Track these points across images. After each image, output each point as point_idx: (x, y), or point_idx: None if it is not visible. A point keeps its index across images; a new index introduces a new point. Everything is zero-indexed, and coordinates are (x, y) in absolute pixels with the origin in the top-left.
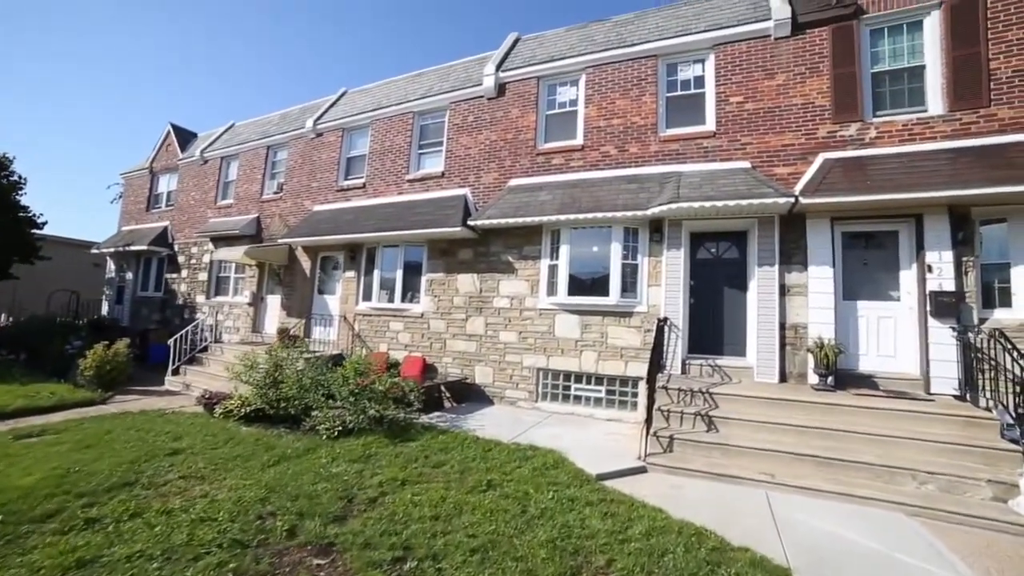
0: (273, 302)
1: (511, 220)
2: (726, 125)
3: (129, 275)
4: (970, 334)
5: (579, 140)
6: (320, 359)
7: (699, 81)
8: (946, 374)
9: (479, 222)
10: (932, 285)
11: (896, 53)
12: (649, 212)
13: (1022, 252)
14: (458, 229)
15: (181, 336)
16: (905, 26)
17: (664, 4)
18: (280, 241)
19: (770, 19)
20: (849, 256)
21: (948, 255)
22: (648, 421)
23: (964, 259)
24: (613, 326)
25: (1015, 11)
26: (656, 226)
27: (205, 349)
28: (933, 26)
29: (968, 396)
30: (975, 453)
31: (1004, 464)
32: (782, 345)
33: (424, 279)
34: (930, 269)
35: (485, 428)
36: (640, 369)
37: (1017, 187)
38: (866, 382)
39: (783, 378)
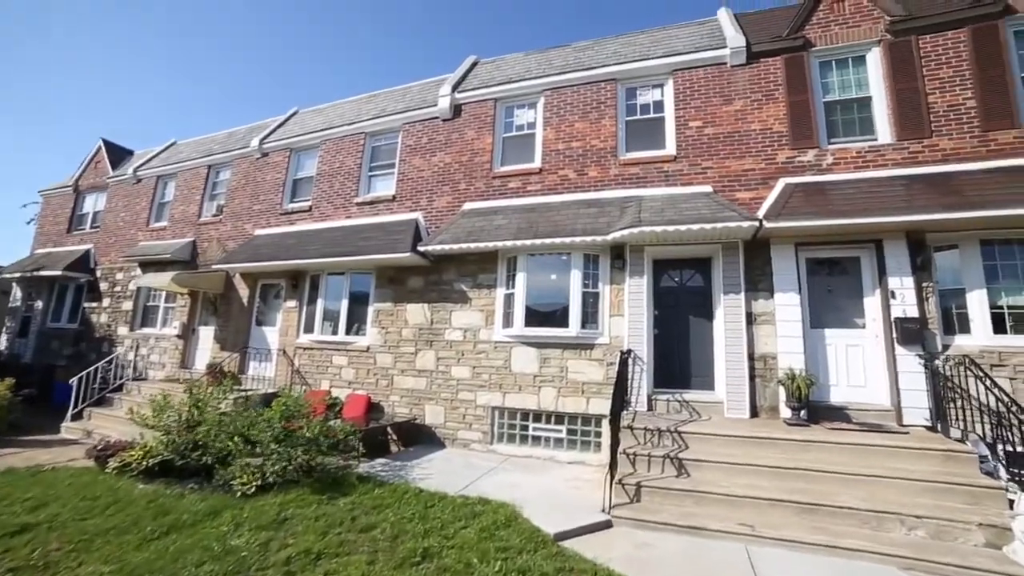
0: (206, 334)
1: (464, 246)
2: (686, 149)
3: (39, 304)
4: (937, 361)
5: (537, 163)
6: (252, 398)
7: (658, 106)
8: (917, 404)
9: (430, 247)
10: (896, 311)
11: (845, 84)
12: (610, 237)
13: (974, 278)
14: (407, 255)
15: (88, 374)
16: (851, 60)
17: (622, 33)
18: (215, 267)
19: (726, 47)
20: (814, 283)
21: (909, 281)
22: (612, 467)
23: (924, 285)
24: (574, 359)
25: (943, 52)
26: (617, 252)
27: (120, 388)
28: (875, 61)
29: (939, 427)
30: (959, 492)
31: (989, 503)
32: (751, 377)
33: (371, 309)
34: (893, 295)
35: (432, 477)
36: (603, 406)
37: (967, 213)
38: (838, 414)
39: (754, 412)
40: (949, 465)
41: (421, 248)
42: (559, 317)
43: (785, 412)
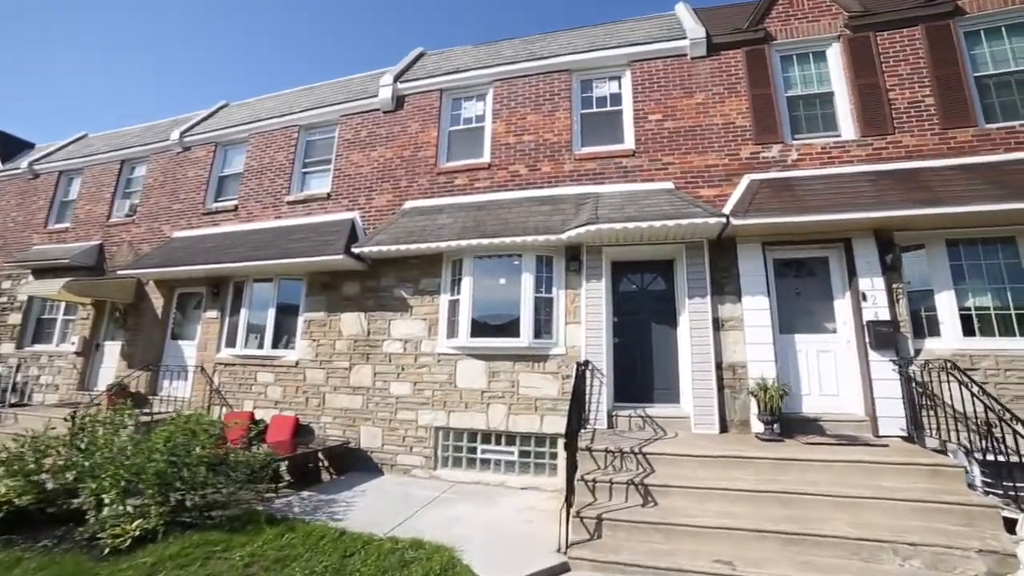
0: (112, 351)
1: (404, 247)
2: (646, 144)
3: None
4: (913, 367)
5: (486, 158)
6: (161, 423)
7: (616, 98)
8: (892, 413)
9: (365, 249)
10: (868, 314)
11: (806, 79)
12: (565, 236)
13: (942, 278)
14: (340, 257)
15: None
16: (811, 55)
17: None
18: (121, 273)
19: (685, 38)
20: (781, 285)
21: (880, 281)
22: (569, 498)
23: (894, 286)
24: (526, 373)
25: (900, 49)
26: (573, 253)
27: None
28: (836, 56)
29: (915, 436)
30: (951, 512)
31: (984, 523)
32: (720, 388)
33: (301, 320)
34: (864, 297)
35: (360, 513)
36: (559, 424)
37: (940, 209)
38: (812, 427)
39: (723, 427)
40: (936, 481)
41: (356, 250)
42: (509, 326)
43: (757, 426)
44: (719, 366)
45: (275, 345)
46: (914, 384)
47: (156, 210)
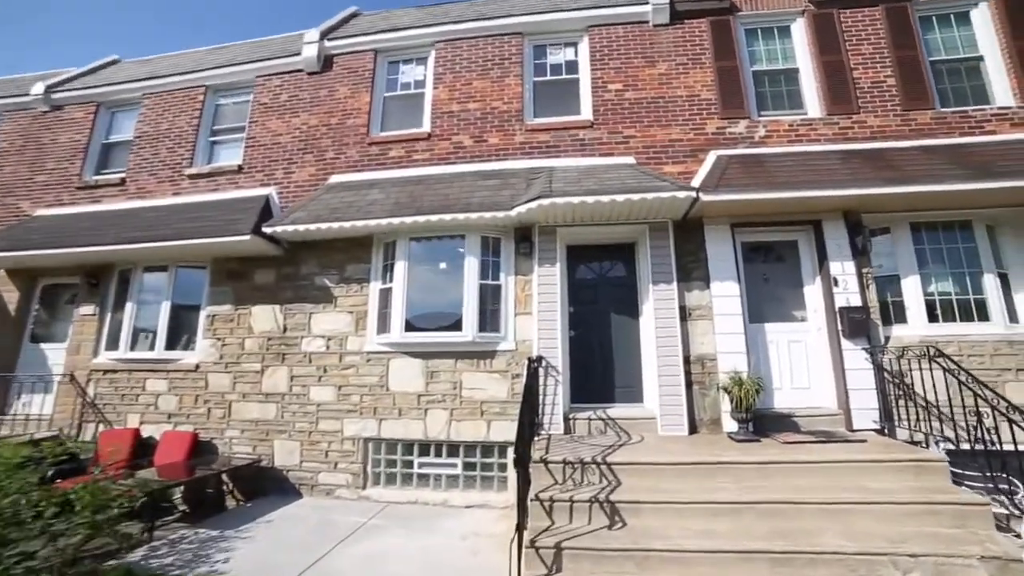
0: None
1: (325, 226)
2: (605, 115)
3: None
4: (883, 355)
5: (425, 127)
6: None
7: (572, 66)
8: (866, 404)
9: (279, 228)
10: (840, 301)
11: (771, 55)
12: (514, 212)
13: (908, 263)
14: (247, 238)
15: None
16: (776, 29)
17: None
18: None
19: (647, 3)
20: (749, 271)
21: (851, 266)
22: (521, 525)
23: (864, 271)
24: (470, 372)
25: (863, 27)
26: (524, 234)
27: None
28: (800, 32)
29: (887, 429)
30: (943, 513)
31: (977, 524)
32: (688, 385)
33: (204, 315)
34: (836, 282)
35: (258, 554)
36: (508, 430)
37: (911, 187)
38: (786, 423)
39: (693, 427)
40: (923, 479)
41: (268, 229)
42: (450, 319)
43: (730, 425)
44: (687, 359)
45: (171, 346)
46: (885, 373)
47: (12, 182)
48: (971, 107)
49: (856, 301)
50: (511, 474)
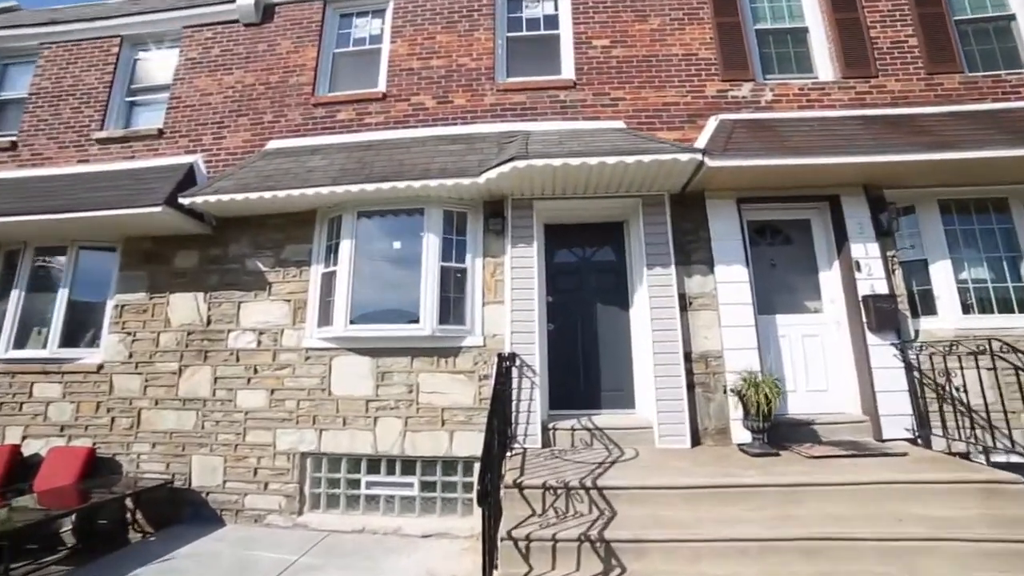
0: None
1: (255, 196)
2: (590, 74)
3: None
4: (914, 352)
5: (381, 87)
6: None
7: (551, 21)
8: (897, 409)
9: (199, 199)
10: (864, 288)
11: (776, 12)
12: (482, 179)
13: (937, 247)
14: (159, 210)
15: None
16: None
17: None
18: None
19: None
20: (755, 256)
21: (874, 248)
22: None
23: (889, 254)
24: (429, 373)
25: None
26: (494, 209)
27: None
28: None
29: (922, 438)
30: None
31: None
32: (690, 387)
33: (111, 305)
34: (858, 267)
35: None
36: (475, 442)
37: (951, 154)
38: (804, 432)
39: (696, 438)
40: (994, 505)
41: (185, 200)
42: (405, 309)
43: (740, 435)
44: (688, 357)
45: (69, 343)
46: (915, 373)
47: None
48: (1005, 71)
49: (882, 288)
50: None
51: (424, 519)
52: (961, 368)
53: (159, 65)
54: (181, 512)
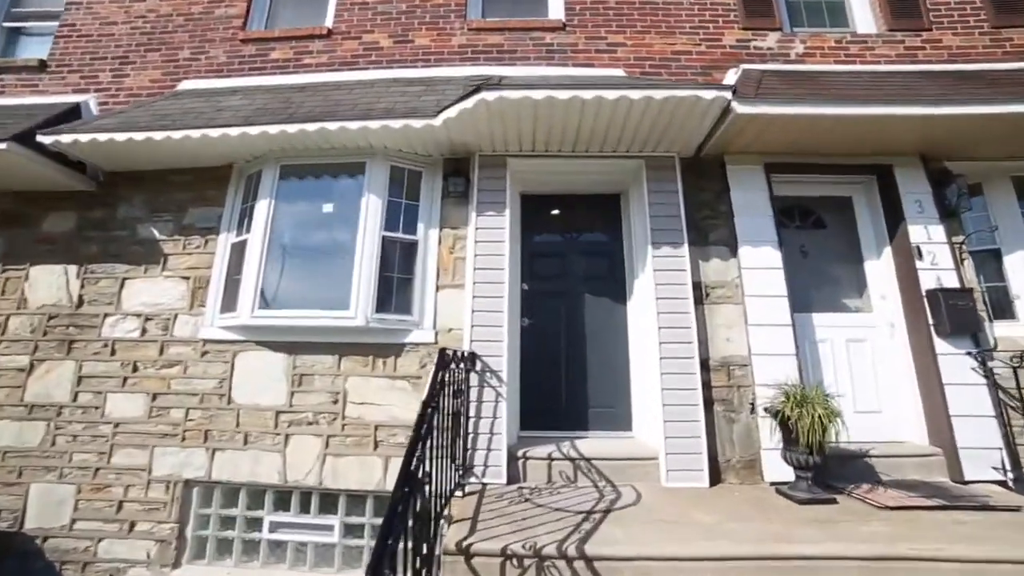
0: None
1: (144, 137)
2: (583, 15)
3: None
4: (996, 366)
5: (327, 21)
6: None
7: None
8: (982, 441)
9: (67, 137)
10: (928, 281)
11: None
12: (440, 119)
13: (1015, 233)
14: (3, 147)
15: None
16: None
17: None
18: None
19: None
20: (782, 240)
21: (939, 231)
22: None
23: (955, 241)
24: (362, 377)
25: None
26: (456, 167)
27: None
28: None
29: (1013, 478)
30: None
31: None
32: (708, 404)
33: None
34: (919, 254)
35: None
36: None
37: None
38: (858, 467)
39: (716, 474)
40: None
41: (47, 139)
42: (335, 293)
43: (774, 469)
44: (704, 364)
45: None
46: (1000, 391)
47: None
48: None
49: (951, 281)
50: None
51: (348, 575)
52: None
53: None
54: (4, 566)
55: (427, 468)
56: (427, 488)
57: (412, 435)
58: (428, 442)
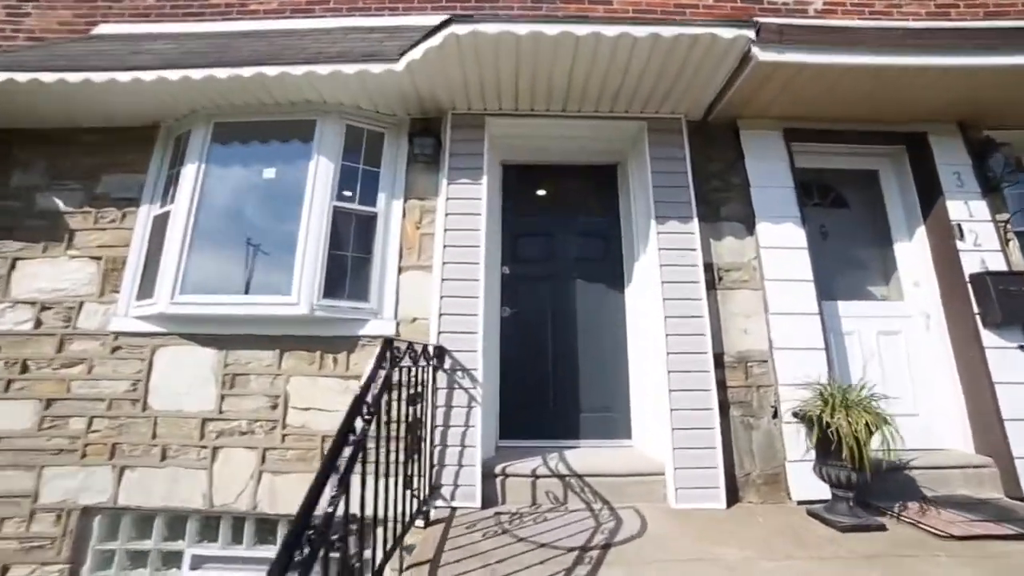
0: None
1: (28, 78)
2: None
3: None
4: None
5: None
6: None
7: None
8: None
9: None
10: (971, 264)
11: None
12: (403, 63)
13: None
14: None
15: None
16: None
17: None
18: None
19: None
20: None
21: (981, 208)
22: None
23: (998, 219)
24: (307, 377)
25: None
26: (425, 126)
27: None
28: None
29: None
30: None
31: None
32: (723, 408)
33: None
34: (960, 233)
35: None
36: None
37: None
38: (899, 481)
39: (732, 492)
40: None
41: None
42: (276, 276)
43: (802, 485)
44: (718, 360)
45: None
46: None
47: None
48: None
49: (997, 264)
50: None
51: None
52: None
53: None
54: None
55: (350, 507)
56: (350, 540)
57: (322, 463)
58: (352, 471)
